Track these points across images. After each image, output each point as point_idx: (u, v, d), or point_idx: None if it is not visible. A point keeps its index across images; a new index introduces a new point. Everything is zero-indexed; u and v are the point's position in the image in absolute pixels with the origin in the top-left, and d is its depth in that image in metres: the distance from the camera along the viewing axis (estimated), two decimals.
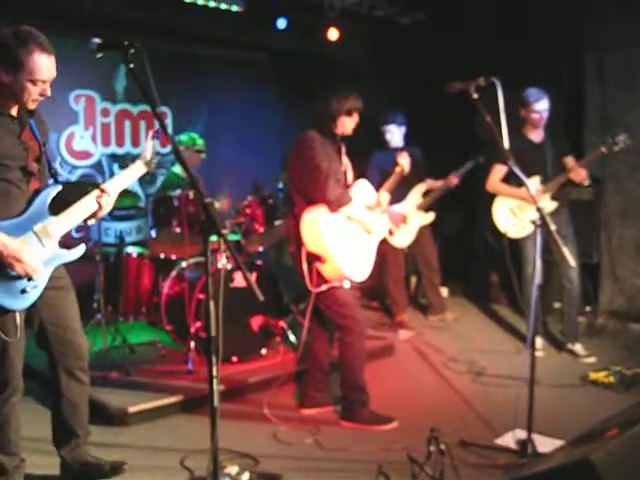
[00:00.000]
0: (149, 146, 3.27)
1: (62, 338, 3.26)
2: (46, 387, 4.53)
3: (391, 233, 6.44)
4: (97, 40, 2.80)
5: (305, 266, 4.31)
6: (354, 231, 4.42)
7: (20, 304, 2.98)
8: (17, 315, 2.99)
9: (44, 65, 2.96)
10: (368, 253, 4.51)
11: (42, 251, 3.02)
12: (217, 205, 5.02)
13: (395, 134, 6.53)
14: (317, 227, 4.24)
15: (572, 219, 5.82)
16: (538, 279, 3.85)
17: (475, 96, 3.68)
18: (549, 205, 5.60)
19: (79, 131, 7.19)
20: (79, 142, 7.18)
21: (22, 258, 2.90)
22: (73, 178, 7.04)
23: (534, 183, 5.57)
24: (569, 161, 5.71)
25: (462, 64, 6.53)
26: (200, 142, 5.82)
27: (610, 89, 6.63)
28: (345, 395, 4.51)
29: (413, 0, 7.70)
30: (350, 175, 4.57)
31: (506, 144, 3.71)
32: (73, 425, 3.40)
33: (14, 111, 3.10)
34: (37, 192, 3.10)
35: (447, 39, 7.55)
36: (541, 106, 5.58)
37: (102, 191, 3.20)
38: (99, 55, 2.88)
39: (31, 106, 3.07)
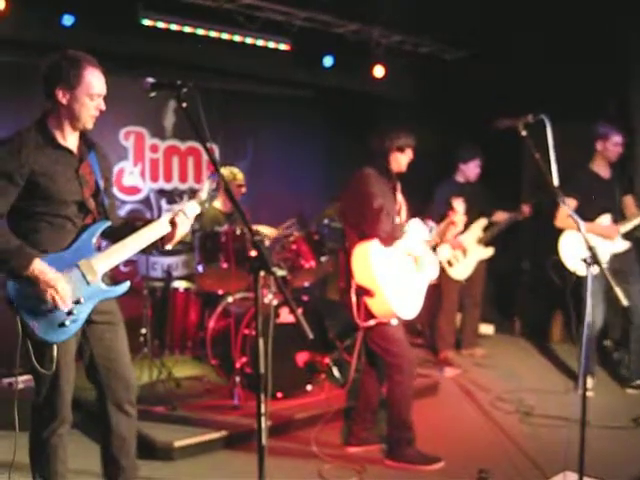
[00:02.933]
0: (205, 186, 3.29)
1: (112, 372, 3.28)
2: (93, 419, 4.58)
3: (450, 264, 6.42)
4: (151, 80, 2.87)
5: (354, 299, 4.29)
6: (406, 267, 4.38)
7: (57, 337, 3.00)
8: (54, 348, 3.00)
9: (98, 79, 3.08)
10: (418, 291, 4.46)
11: (85, 286, 3.04)
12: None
13: (475, 169, 6.55)
14: (368, 260, 4.24)
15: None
16: (589, 317, 3.78)
17: (524, 133, 3.66)
18: (622, 244, 5.54)
19: (128, 167, 7.33)
20: (128, 178, 7.33)
21: (56, 286, 2.92)
22: (122, 213, 7.15)
23: (605, 221, 5.54)
24: (628, 200, 5.65)
25: (508, 99, 6.56)
26: (240, 176, 5.88)
27: None
28: (391, 434, 4.46)
29: (457, 36, 7.72)
30: (404, 213, 4.56)
31: (556, 182, 3.67)
32: (122, 459, 3.40)
33: (72, 142, 3.16)
34: (85, 227, 3.13)
35: (492, 74, 7.54)
36: (620, 139, 5.55)
37: (180, 211, 3.20)
38: (152, 94, 2.94)
39: (89, 124, 3.12)
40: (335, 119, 8.11)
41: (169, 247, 3.30)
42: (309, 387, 5.36)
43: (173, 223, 3.19)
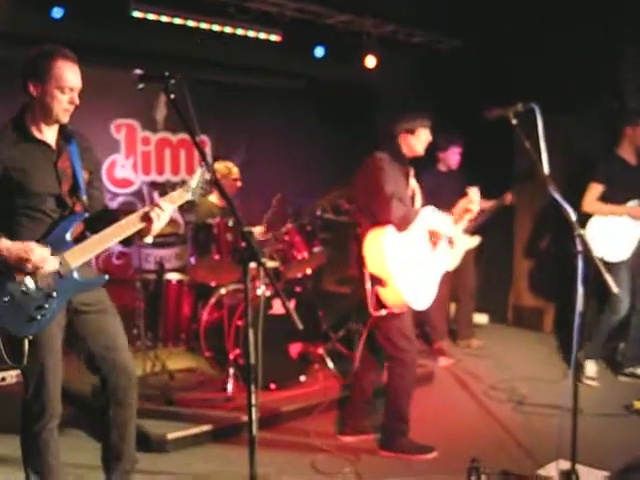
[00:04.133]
0: (197, 175, 3.25)
1: (110, 361, 3.25)
2: (85, 412, 4.59)
3: None
4: (138, 71, 2.86)
5: (368, 287, 4.22)
6: (419, 256, 4.29)
7: (26, 330, 2.97)
8: (25, 342, 2.97)
9: (69, 72, 3.04)
10: (431, 282, 4.37)
11: (57, 279, 3.02)
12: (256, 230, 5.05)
13: (454, 156, 6.55)
14: (380, 248, 4.15)
15: None
16: (580, 306, 3.78)
17: (514, 122, 3.65)
18: None
19: (120, 160, 7.31)
20: (120, 170, 7.31)
21: (30, 257, 2.90)
22: (114, 205, 7.14)
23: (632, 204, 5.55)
24: None
25: (501, 89, 6.54)
26: (235, 170, 5.87)
27: None
28: (386, 424, 4.47)
29: (451, 26, 7.70)
30: (418, 199, 4.49)
31: (546, 170, 3.66)
32: (123, 448, 3.39)
33: (50, 136, 3.14)
34: (59, 220, 3.11)
35: (486, 65, 7.54)
36: None
37: (155, 205, 3.13)
38: (140, 86, 2.93)
39: (63, 118, 3.10)
40: (327, 110, 8.09)
41: (149, 240, 3.22)
42: (303, 378, 5.37)
43: (148, 218, 3.10)
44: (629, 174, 5.58)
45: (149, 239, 3.23)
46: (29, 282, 2.97)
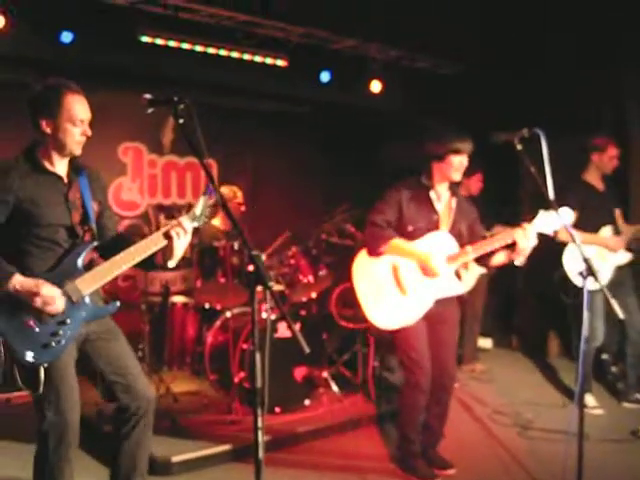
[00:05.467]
0: (201, 202, 3.27)
1: (129, 387, 3.26)
2: (92, 436, 4.58)
3: None
4: (148, 96, 2.89)
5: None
6: (386, 280, 4.26)
7: (42, 358, 2.97)
8: (41, 369, 2.97)
9: (79, 104, 3.10)
10: (408, 305, 4.23)
11: (70, 306, 3.04)
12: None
13: (478, 183, 6.59)
14: (353, 267, 4.40)
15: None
16: (586, 331, 3.79)
17: (519, 147, 3.68)
18: (624, 256, 5.56)
19: (127, 182, 7.36)
20: (127, 193, 7.35)
21: (40, 291, 2.92)
22: (120, 228, 7.16)
23: (607, 233, 5.55)
24: (617, 213, 5.68)
25: (505, 113, 6.60)
26: (240, 194, 5.90)
27: None
28: (397, 443, 4.48)
29: (454, 51, 7.77)
30: (445, 224, 4.33)
31: (551, 194, 3.69)
32: (135, 472, 3.38)
33: (61, 169, 3.18)
34: (71, 249, 3.13)
35: (489, 88, 7.60)
36: (616, 152, 5.58)
37: (178, 223, 3.13)
38: (150, 110, 2.96)
39: (77, 150, 3.14)
40: (333, 134, 8.14)
41: (172, 264, 3.20)
42: (307, 401, 5.36)
43: (169, 236, 3.12)
44: (598, 200, 5.58)
45: (172, 263, 3.21)
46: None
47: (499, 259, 4.17)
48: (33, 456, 3.16)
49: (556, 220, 3.90)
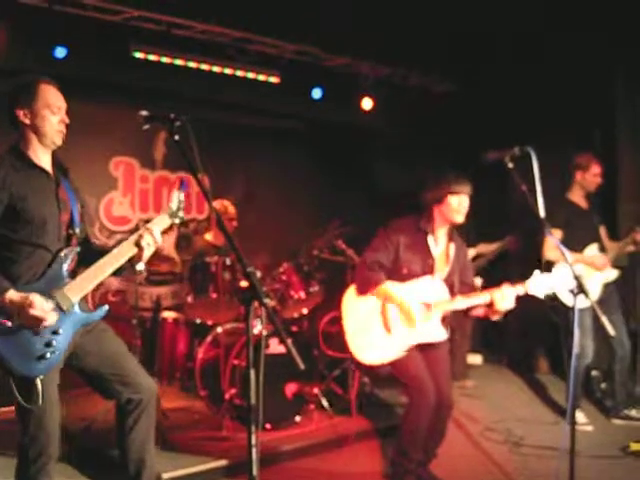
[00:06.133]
0: (174, 197, 3.32)
1: (126, 380, 3.27)
2: (83, 452, 4.55)
3: None
4: (144, 112, 2.90)
5: None
6: (371, 320, 4.30)
7: (39, 370, 2.97)
8: (38, 382, 2.96)
9: (54, 93, 3.15)
10: (388, 346, 4.24)
11: (61, 315, 3.03)
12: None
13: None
14: (343, 302, 4.47)
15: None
16: (576, 348, 3.81)
17: (510, 166, 3.71)
18: (612, 274, 5.59)
19: (118, 197, 7.34)
20: (118, 208, 7.33)
21: (32, 303, 2.89)
22: (111, 243, 7.13)
23: (593, 252, 5.58)
24: (602, 231, 5.73)
25: (495, 131, 6.64)
26: (231, 210, 5.91)
27: None
28: (392, 456, 4.45)
29: (446, 70, 7.84)
30: (441, 266, 4.39)
31: (542, 213, 3.72)
32: (144, 462, 3.39)
33: (46, 162, 3.19)
34: (56, 255, 3.13)
35: (480, 107, 7.66)
36: (600, 170, 5.62)
37: (146, 229, 3.21)
38: (146, 127, 2.97)
39: (58, 140, 3.17)
40: (324, 151, 8.17)
41: (140, 267, 3.26)
42: (298, 418, 5.35)
43: (138, 244, 3.18)
44: (583, 219, 5.62)
45: (141, 266, 3.28)
46: None
47: (477, 312, 4.27)
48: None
49: (550, 283, 4.02)
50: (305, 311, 5.84)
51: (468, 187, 4.30)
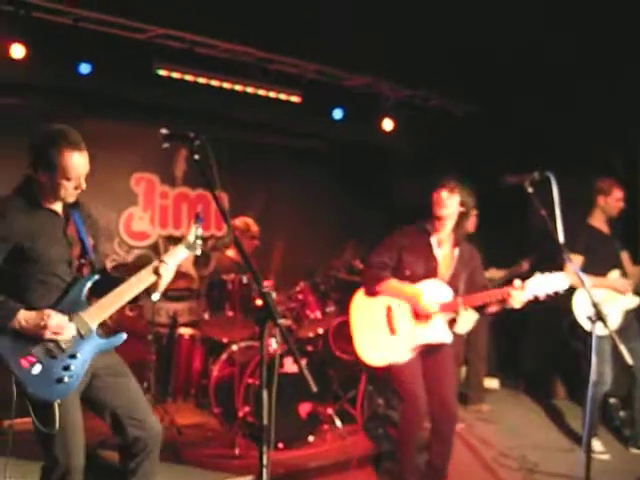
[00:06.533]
0: (192, 230, 3.35)
1: (137, 420, 3.26)
2: (97, 467, 4.54)
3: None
4: (165, 131, 2.92)
5: None
6: (378, 321, 4.42)
7: (57, 394, 2.97)
8: (56, 406, 2.96)
9: (75, 163, 3.06)
10: (394, 346, 4.35)
11: (79, 340, 3.06)
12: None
13: (475, 218, 6.60)
14: (351, 306, 4.64)
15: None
16: (594, 375, 3.77)
17: (530, 190, 3.70)
18: (632, 301, 5.53)
19: (138, 212, 7.40)
20: (138, 223, 7.39)
21: (47, 321, 2.92)
22: (130, 258, 7.20)
23: (615, 276, 5.52)
24: (624, 256, 5.66)
25: (515, 154, 6.62)
26: (254, 228, 5.92)
27: None
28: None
29: (467, 91, 7.84)
30: (445, 268, 4.44)
31: (561, 238, 3.70)
32: None
33: (58, 206, 3.21)
34: (74, 282, 3.16)
35: (501, 129, 7.64)
36: (622, 194, 5.57)
37: (161, 261, 3.23)
38: (165, 145, 3.00)
39: (70, 199, 3.17)
40: (345, 171, 8.19)
41: (156, 297, 3.32)
42: (311, 438, 5.32)
43: (157, 272, 3.21)
44: (604, 244, 5.56)
45: (157, 295, 3.33)
46: (52, 344, 2.99)
47: (493, 308, 4.29)
48: None
49: (550, 285, 4.00)
50: (321, 331, 5.83)
51: (448, 182, 4.42)
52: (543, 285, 4.03)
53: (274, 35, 6.49)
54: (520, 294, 4.06)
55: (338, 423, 5.60)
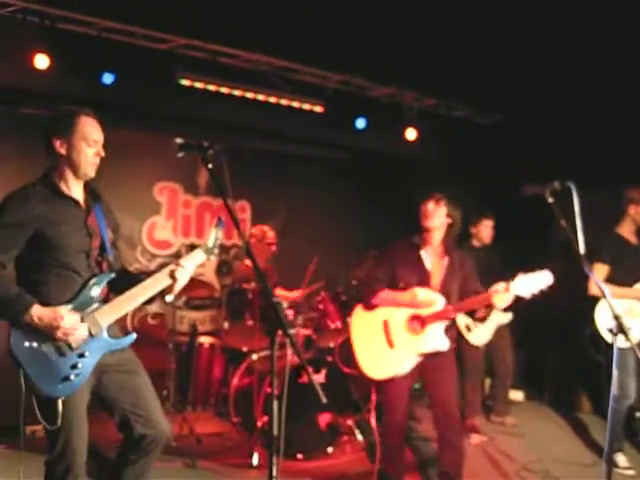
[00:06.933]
0: (212, 234, 3.35)
1: (146, 418, 3.24)
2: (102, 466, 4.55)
3: (469, 329, 6.35)
4: (179, 140, 2.93)
5: None
6: (376, 333, 4.53)
7: (62, 391, 2.98)
8: (59, 402, 2.97)
9: (92, 126, 3.15)
10: (393, 358, 4.47)
11: (89, 339, 3.06)
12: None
13: (486, 230, 6.56)
14: (351, 321, 4.80)
15: None
16: (615, 389, 3.70)
17: (550, 200, 3.65)
18: None
19: (161, 221, 7.44)
20: (160, 232, 7.42)
21: (59, 321, 2.93)
22: (152, 266, 7.22)
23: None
24: None
25: (541, 164, 6.55)
26: (270, 234, 5.93)
27: None
28: None
29: (490, 101, 7.79)
30: (436, 279, 4.53)
31: (582, 248, 3.64)
32: None
33: (77, 193, 3.21)
34: (89, 279, 3.15)
35: (524, 140, 7.58)
36: None
37: (177, 265, 3.24)
38: (181, 154, 3.01)
39: (91, 172, 3.18)
40: (368, 181, 8.18)
41: (170, 298, 3.31)
42: (330, 449, 5.29)
43: (173, 276, 3.21)
44: (632, 254, 5.46)
45: (170, 297, 3.32)
46: (62, 342, 3.00)
47: (481, 312, 4.53)
48: None
49: (535, 284, 4.15)
50: (341, 341, 5.79)
51: (434, 194, 4.59)
52: (527, 285, 4.18)
53: (297, 45, 6.50)
54: (504, 297, 4.22)
55: (358, 434, 5.56)
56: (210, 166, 2.85)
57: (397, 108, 7.75)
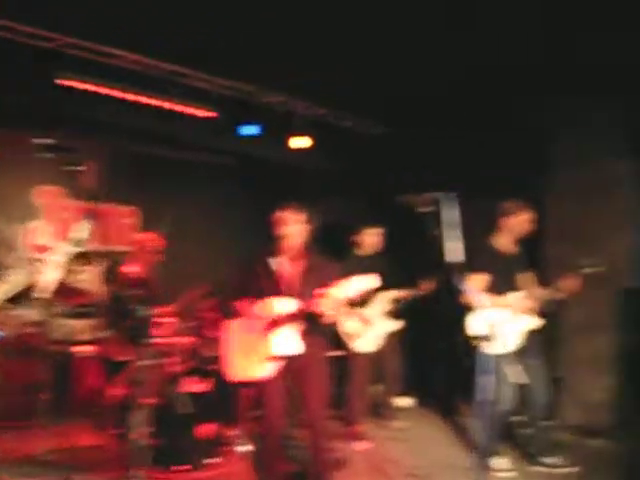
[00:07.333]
0: (80, 227, 3.27)
1: None
2: None
3: (356, 337, 6.40)
4: (40, 140, 2.83)
5: None
6: (246, 338, 4.73)
7: None
8: None
9: None
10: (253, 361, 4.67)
11: None
12: None
13: (370, 239, 6.62)
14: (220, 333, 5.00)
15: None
16: (484, 394, 3.79)
17: (421, 210, 3.72)
18: (533, 322, 5.58)
19: (40, 225, 7.14)
20: (39, 236, 7.12)
21: None
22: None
23: (515, 297, 5.56)
24: (528, 277, 5.75)
25: (426, 174, 6.68)
26: (155, 242, 5.84)
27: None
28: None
29: (375, 112, 7.90)
30: (296, 286, 4.70)
31: (455, 258, 3.71)
32: None
33: None
34: None
35: (411, 149, 7.72)
36: (529, 216, 5.64)
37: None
38: (49, 155, 2.91)
39: None
40: (256, 188, 8.15)
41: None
42: (212, 460, 5.22)
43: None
44: (503, 265, 5.61)
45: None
46: None
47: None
48: None
49: (356, 286, 4.37)
50: None
51: (288, 204, 4.89)
52: (343, 289, 4.39)
53: (187, 49, 6.39)
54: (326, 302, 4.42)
55: (241, 445, 5.49)
56: (72, 168, 2.75)
57: (287, 116, 7.75)
